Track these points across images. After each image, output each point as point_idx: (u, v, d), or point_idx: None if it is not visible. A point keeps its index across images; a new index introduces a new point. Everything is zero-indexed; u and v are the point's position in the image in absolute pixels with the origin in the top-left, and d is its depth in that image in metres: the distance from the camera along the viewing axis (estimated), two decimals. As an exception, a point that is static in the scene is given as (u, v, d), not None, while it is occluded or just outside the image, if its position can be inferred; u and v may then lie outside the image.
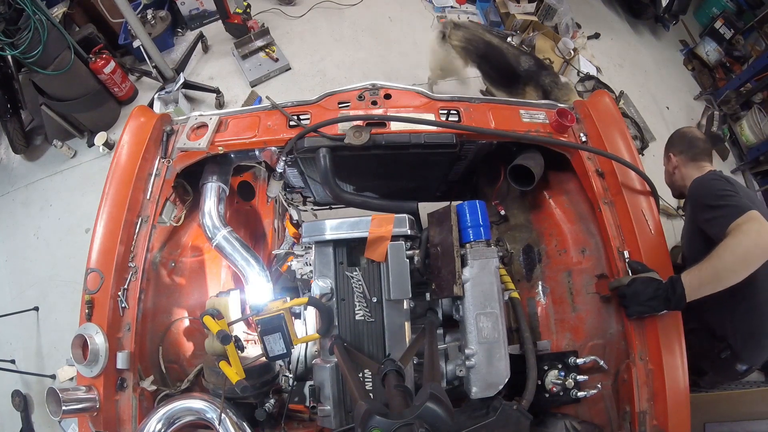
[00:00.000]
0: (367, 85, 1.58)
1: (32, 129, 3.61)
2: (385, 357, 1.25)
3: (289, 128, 1.53)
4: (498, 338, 1.20)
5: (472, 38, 2.76)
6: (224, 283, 1.79)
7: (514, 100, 1.67)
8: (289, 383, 1.46)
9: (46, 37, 2.79)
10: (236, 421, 1.25)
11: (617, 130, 1.57)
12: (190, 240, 1.72)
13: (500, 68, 2.79)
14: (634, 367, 1.29)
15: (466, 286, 1.21)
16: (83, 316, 1.33)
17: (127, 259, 1.40)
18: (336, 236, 1.34)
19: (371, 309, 1.33)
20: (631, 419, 1.29)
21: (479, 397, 1.18)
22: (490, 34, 2.89)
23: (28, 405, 2.72)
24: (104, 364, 1.26)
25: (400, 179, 1.90)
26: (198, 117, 1.57)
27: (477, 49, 2.75)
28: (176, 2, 3.77)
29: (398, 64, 3.94)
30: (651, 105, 4.19)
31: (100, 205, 1.45)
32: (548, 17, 4.20)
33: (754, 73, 4.01)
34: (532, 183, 1.57)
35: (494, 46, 2.75)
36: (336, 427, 1.27)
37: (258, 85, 3.71)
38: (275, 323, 1.20)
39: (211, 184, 1.61)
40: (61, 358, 2.79)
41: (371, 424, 0.82)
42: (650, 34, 4.87)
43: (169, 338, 1.55)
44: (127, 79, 3.57)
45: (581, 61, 4.09)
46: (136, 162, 1.49)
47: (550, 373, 1.33)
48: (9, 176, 3.54)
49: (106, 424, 1.24)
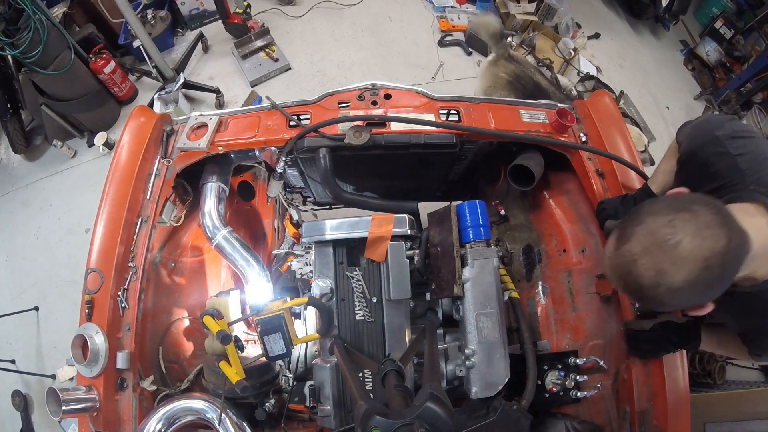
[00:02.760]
0: (367, 85, 1.58)
1: (32, 129, 3.61)
2: (385, 357, 1.25)
3: (289, 128, 1.52)
4: (498, 338, 1.20)
5: (522, 75, 2.64)
6: (224, 283, 1.79)
7: (514, 100, 1.67)
8: (289, 383, 1.46)
9: (46, 37, 2.79)
10: (236, 421, 1.25)
11: (617, 130, 1.57)
12: (190, 240, 1.72)
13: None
14: (634, 367, 1.29)
15: (466, 286, 1.21)
16: (83, 316, 1.33)
17: (127, 259, 1.40)
18: (336, 236, 1.34)
19: (371, 309, 1.33)
20: (631, 419, 1.29)
21: (479, 397, 1.18)
22: (541, 74, 2.77)
23: (28, 405, 2.72)
24: (104, 364, 1.26)
25: (400, 179, 1.90)
26: (198, 117, 1.57)
27: (525, 88, 2.62)
28: (176, 2, 3.77)
29: (398, 64, 3.94)
30: (651, 105, 4.20)
31: (100, 205, 1.45)
32: (548, 17, 4.20)
33: (754, 73, 4.02)
34: (532, 183, 1.57)
35: (542, 89, 2.63)
36: (336, 427, 1.27)
37: (258, 85, 3.72)
38: (275, 323, 1.20)
39: (211, 184, 1.60)
40: (61, 358, 2.79)
41: (371, 424, 0.82)
42: (650, 34, 4.88)
43: (169, 338, 1.55)
44: (127, 79, 3.57)
45: (581, 61, 4.09)
46: (136, 162, 1.49)
47: (550, 373, 1.33)
48: (9, 176, 3.54)
49: (106, 424, 1.24)
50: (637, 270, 0.76)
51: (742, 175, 0.92)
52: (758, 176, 0.91)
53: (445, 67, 3.96)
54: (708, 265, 0.72)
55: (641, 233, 0.76)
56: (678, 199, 0.81)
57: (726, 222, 0.75)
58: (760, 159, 0.93)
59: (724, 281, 0.78)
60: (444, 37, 4.13)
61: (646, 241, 0.75)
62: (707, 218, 0.73)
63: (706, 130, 1.05)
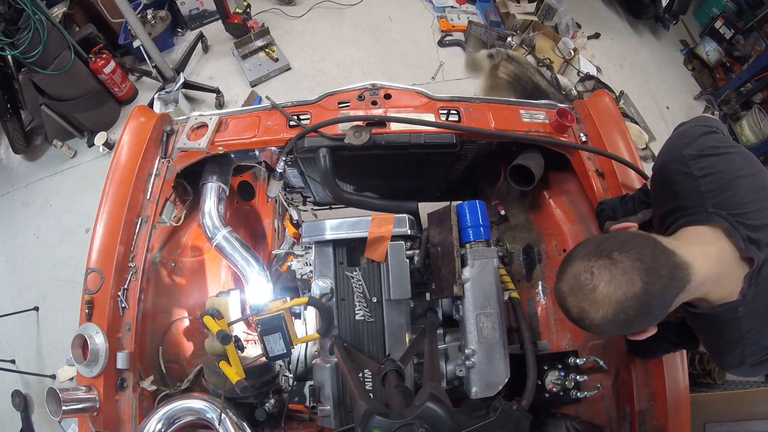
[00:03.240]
0: (367, 85, 1.58)
1: (32, 129, 3.61)
2: (385, 357, 1.25)
3: (289, 128, 1.52)
4: (498, 338, 1.19)
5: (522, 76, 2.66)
6: (224, 283, 1.79)
7: (514, 100, 1.67)
8: (289, 383, 1.46)
9: (46, 37, 2.79)
10: (236, 421, 1.25)
11: (617, 130, 1.57)
12: (190, 240, 1.72)
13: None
14: (634, 367, 1.29)
15: (466, 286, 1.21)
16: (83, 316, 1.32)
17: (127, 259, 1.40)
18: (336, 236, 1.34)
19: (371, 309, 1.33)
20: (631, 419, 1.29)
21: (479, 397, 1.18)
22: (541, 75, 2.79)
23: (28, 405, 2.72)
24: (104, 364, 1.26)
25: (400, 179, 1.90)
26: (198, 117, 1.57)
27: (524, 89, 2.65)
28: (176, 2, 3.77)
29: (398, 64, 3.94)
30: (651, 105, 4.20)
31: (100, 205, 1.45)
32: (548, 17, 4.20)
33: (754, 73, 4.02)
34: (532, 183, 1.57)
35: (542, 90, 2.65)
36: (336, 427, 1.27)
37: (258, 85, 3.72)
38: (275, 323, 1.20)
39: (211, 184, 1.60)
40: (61, 358, 2.79)
41: (371, 424, 0.82)
42: (650, 34, 4.88)
43: (169, 338, 1.55)
44: (127, 79, 3.57)
45: (581, 61, 4.09)
46: (136, 162, 1.49)
47: (550, 373, 1.33)
48: (9, 176, 3.54)
49: (106, 424, 1.24)
50: (567, 305, 0.86)
51: (703, 198, 0.92)
52: (720, 198, 0.90)
53: (445, 67, 3.96)
54: (623, 308, 0.80)
55: (569, 274, 0.86)
56: (608, 241, 0.85)
57: (649, 266, 0.80)
58: (725, 180, 0.92)
59: (651, 316, 0.85)
60: (444, 37, 4.13)
61: (570, 282, 0.85)
62: (625, 265, 0.80)
63: (674, 147, 1.04)
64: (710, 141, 0.99)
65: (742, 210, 0.88)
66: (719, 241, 0.88)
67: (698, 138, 1.01)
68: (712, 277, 0.86)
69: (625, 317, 0.81)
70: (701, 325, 0.99)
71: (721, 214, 0.89)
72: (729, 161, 0.95)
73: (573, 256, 0.87)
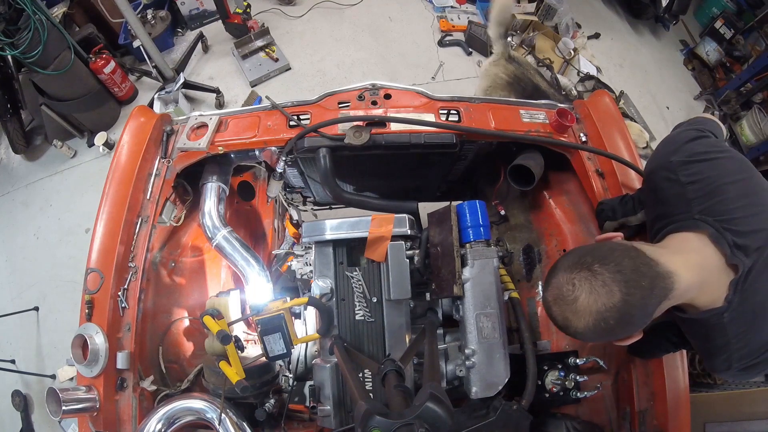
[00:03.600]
0: (367, 85, 1.58)
1: (32, 129, 3.61)
2: (385, 357, 1.25)
3: (289, 128, 1.52)
4: (498, 338, 1.19)
5: (522, 77, 2.63)
6: (224, 283, 1.79)
7: (515, 100, 1.67)
8: (289, 383, 1.46)
9: (46, 37, 2.79)
10: (236, 421, 1.25)
11: (617, 129, 1.57)
12: (190, 240, 1.72)
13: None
14: (634, 367, 1.29)
15: (466, 286, 1.21)
16: (83, 316, 1.33)
17: (127, 259, 1.40)
18: (336, 236, 1.34)
19: (371, 309, 1.33)
20: (631, 419, 1.29)
21: (479, 397, 1.18)
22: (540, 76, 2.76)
23: (28, 405, 2.72)
24: (104, 364, 1.26)
25: (400, 179, 1.90)
26: (198, 117, 1.57)
27: (524, 90, 2.61)
28: (176, 2, 3.77)
29: (398, 64, 3.94)
30: (651, 105, 4.20)
31: (100, 205, 1.45)
32: (548, 17, 4.20)
33: (754, 73, 4.01)
34: (532, 183, 1.57)
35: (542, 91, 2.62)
36: (336, 427, 1.27)
37: (258, 85, 3.72)
38: (275, 323, 1.20)
39: (211, 184, 1.60)
40: (61, 358, 2.79)
41: (371, 424, 0.82)
42: (650, 34, 4.88)
43: (169, 338, 1.55)
44: (127, 79, 3.57)
45: (581, 61, 4.09)
46: (136, 162, 1.49)
47: (550, 373, 1.33)
48: (9, 176, 3.54)
49: (106, 424, 1.24)
50: (552, 314, 0.89)
51: (690, 204, 0.93)
52: (707, 205, 0.91)
53: (445, 67, 3.96)
54: (604, 317, 0.82)
55: (553, 285, 0.88)
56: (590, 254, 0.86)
57: (629, 278, 0.81)
58: (713, 186, 0.92)
59: (632, 325, 0.87)
60: (444, 37, 4.13)
61: (554, 293, 0.88)
62: (605, 277, 0.82)
63: (662, 153, 1.04)
64: (698, 147, 0.99)
65: (730, 216, 0.88)
66: (705, 248, 0.88)
67: (686, 144, 1.01)
68: (696, 285, 0.87)
69: (606, 326, 0.82)
70: (690, 329, 1.00)
71: (707, 221, 0.89)
72: (718, 167, 0.94)
73: (557, 267, 0.89)
